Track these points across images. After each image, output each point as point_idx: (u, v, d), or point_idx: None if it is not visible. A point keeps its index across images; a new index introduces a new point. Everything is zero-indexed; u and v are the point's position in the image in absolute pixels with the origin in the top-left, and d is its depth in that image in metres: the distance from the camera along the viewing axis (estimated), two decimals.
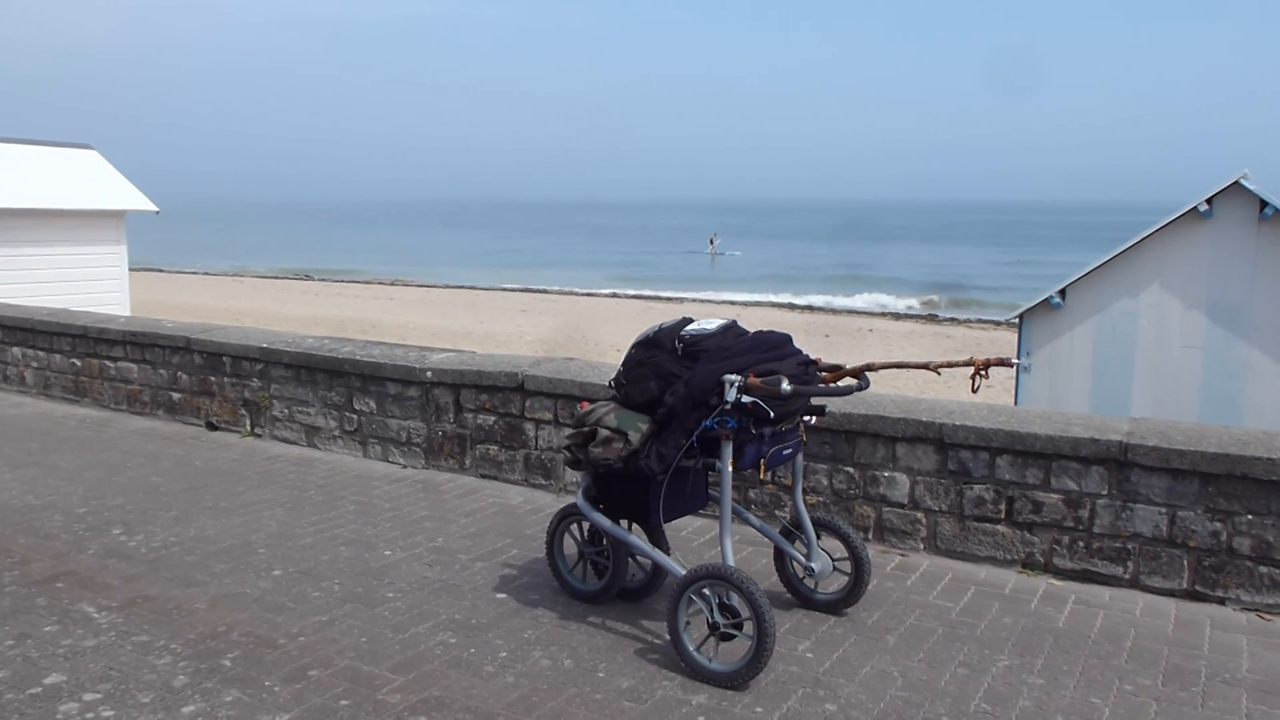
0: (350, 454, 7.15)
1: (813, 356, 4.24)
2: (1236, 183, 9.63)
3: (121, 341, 8.45)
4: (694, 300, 46.15)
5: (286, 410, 7.45)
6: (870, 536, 5.38)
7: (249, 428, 7.68)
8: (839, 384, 4.13)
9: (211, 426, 7.87)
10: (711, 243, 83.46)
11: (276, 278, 56.04)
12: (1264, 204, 9.47)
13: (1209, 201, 9.64)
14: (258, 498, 6.12)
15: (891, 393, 6.04)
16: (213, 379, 7.85)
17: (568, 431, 4.34)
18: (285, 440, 7.48)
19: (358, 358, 7.01)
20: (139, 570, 4.93)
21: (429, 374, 6.67)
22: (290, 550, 5.24)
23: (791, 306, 44.35)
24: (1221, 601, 4.68)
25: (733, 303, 45.02)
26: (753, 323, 4.95)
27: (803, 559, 4.44)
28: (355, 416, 7.10)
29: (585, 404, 4.33)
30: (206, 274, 56.98)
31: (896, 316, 40.85)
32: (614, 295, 48.48)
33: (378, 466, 6.88)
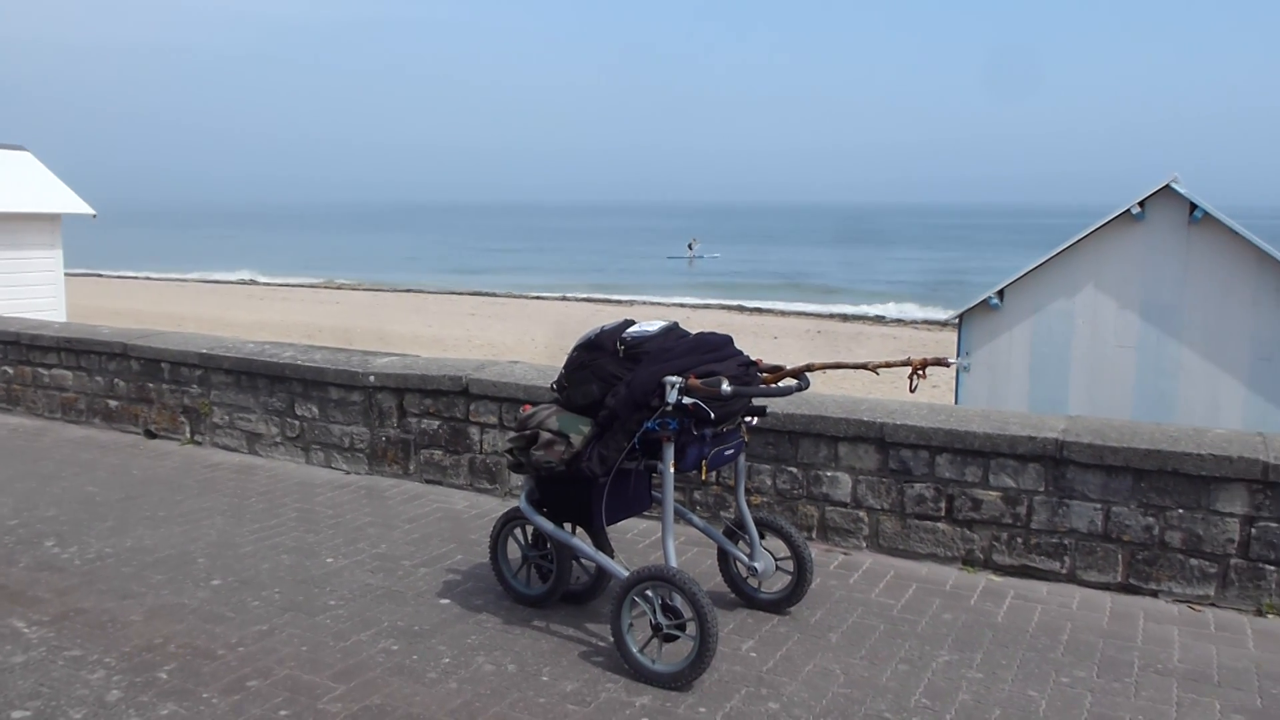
0: (292, 460, 7.06)
1: (754, 358, 4.26)
2: (1167, 186, 9.85)
3: (56, 348, 8.27)
4: (644, 303, 46.23)
5: (227, 417, 7.34)
6: (814, 535, 5.42)
7: (189, 435, 7.56)
8: (780, 384, 4.15)
9: (150, 434, 7.73)
10: (690, 247, 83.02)
11: (221, 282, 55.26)
12: (1194, 207, 9.70)
13: (1141, 204, 9.85)
14: (197, 506, 6.02)
15: (836, 393, 6.09)
16: (151, 386, 7.71)
17: (510, 435, 4.32)
18: (226, 447, 7.37)
19: (299, 363, 6.93)
20: (72, 583, 4.83)
21: (372, 378, 6.62)
22: (230, 559, 5.16)
23: (741, 309, 44.57)
24: (1155, 594, 4.77)
25: (683, 305, 45.14)
26: (702, 325, 4.97)
27: (746, 559, 4.46)
28: (297, 422, 7.02)
29: (528, 407, 4.32)
30: (149, 279, 56.00)
31: (844, 318, 41.21)
32: (563, 299, 48.39)
33: (320, 473, 6.80)
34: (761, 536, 4.53)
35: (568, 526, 4.43)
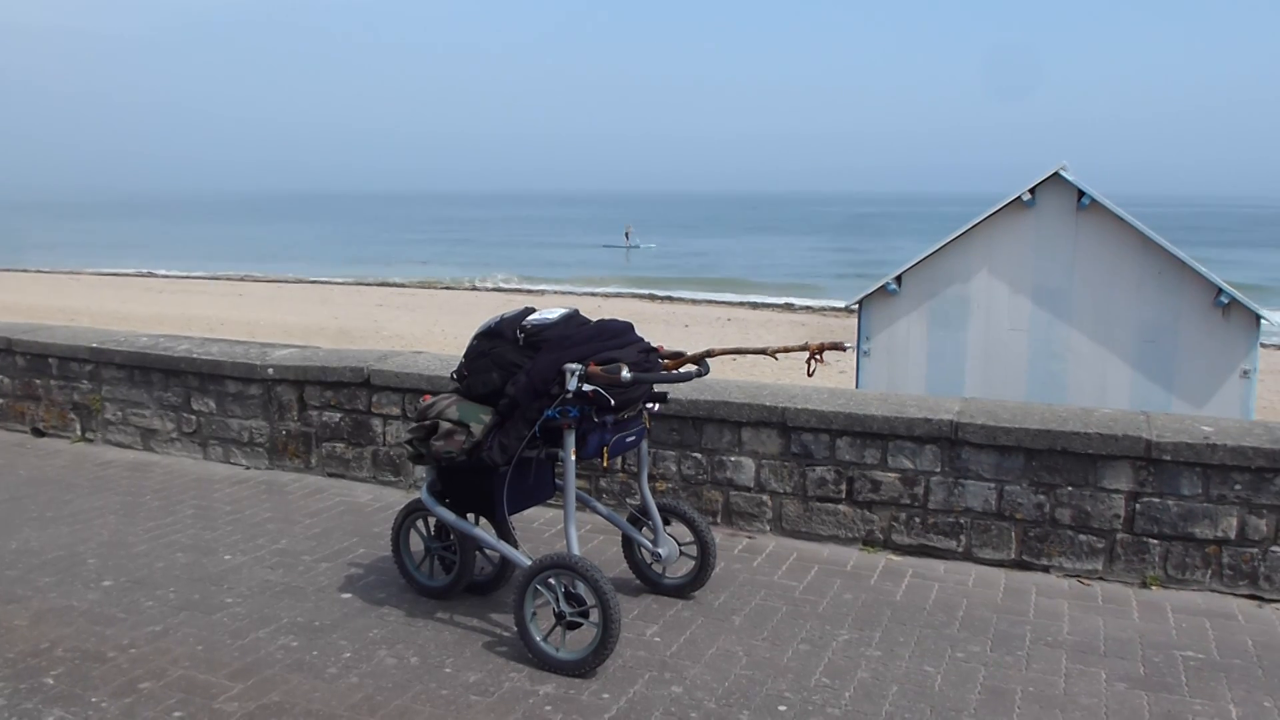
0: (190, 456, 6.88)
1: (655, 344, 4.28)
2: (1056, 174, 10.14)
3: None
4: (555, 292, 46.08)
5: (120, 413, 7.12)
6: (719, 520, 5.47)
7: (79, 432, 7.32)
8: (680, 371, 4.18)
9: (38, 433, 7.46)
10: (627, 235, 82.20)
11: (117, 275, 53.51)
12: (1081, 194, 10.01)
13: (1032, 191, 10.14)
14: (88, 505, 5.83)
15: (741, 379, 6.15)
16: (38, 382, 7.44)
17: (410, 425, 4.27)
18: (119, 444, 7.15)
19: (195, 356, 6.75)
20: None
21: (271, 371, 6.48)
22: (122, 559, 5.01)
23: (653, 298, 44.68)
24: (1046, 569, 4.92)
25: (594, 294, 45.10)
26: (614, 313, 4.98)
27: (650, 545, 4.48)
28: (194, 417, 6.84)
29: (428, 397, 4.27)
30: (39, 271, 53.97)
31: (754, 306, 41.60)
32: (473, 289, 48.00)
33: (219, 468, 6.65)
34: (666, 522, 4.56)
35: (471, 517, 4.41)
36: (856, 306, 10.99)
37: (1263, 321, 9.82)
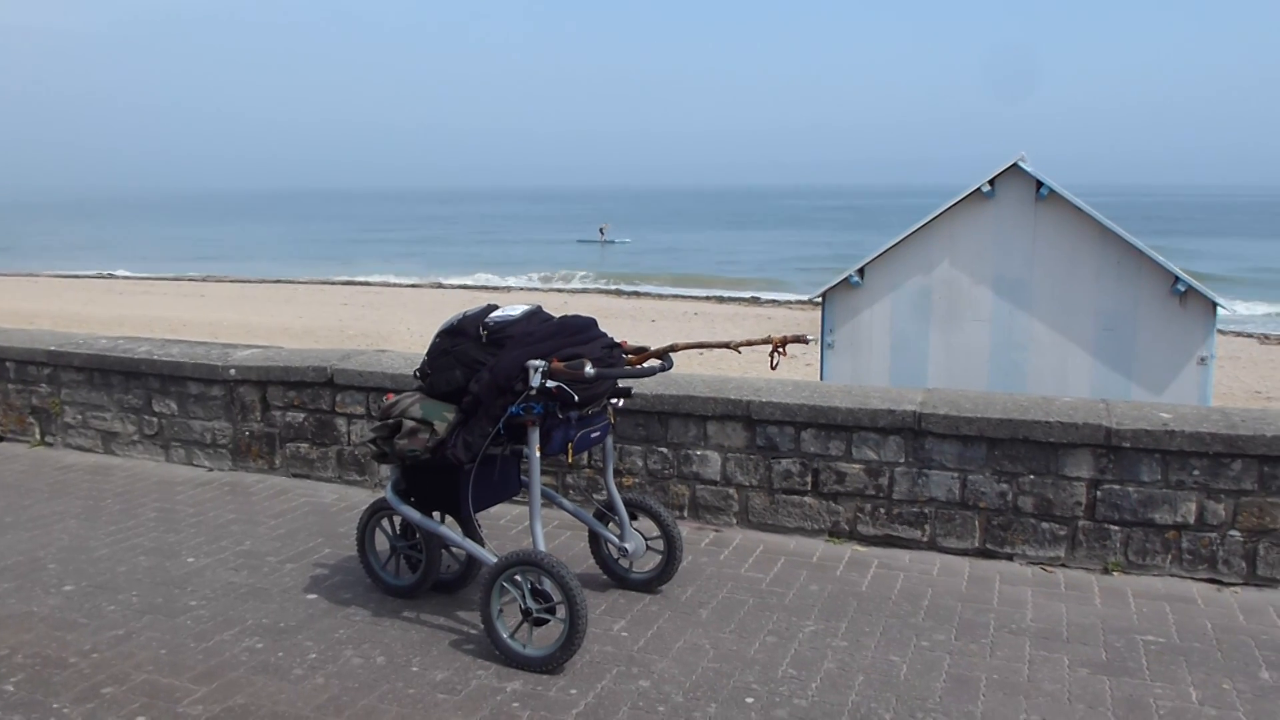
0: (152, 459, 6.81)
1: (619, 339, 4.28)
2: (1015, 165, 10.24)
3: None
4: (522, 289, 45.94)
5: (80, 416, 7.03)
6: (685, 514, 5.48)
7: (39, 436, 7.22)
8: (644, 366, 4.18)
9: None
10: (602, 231, 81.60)
11: (77, 276, 52.77)
12: (1040, 184, 10.12)
13: (991, 182, 10.24)
14: (48, 510, 5.76)
15: (707, 373, 6.16)
16: None
17: (373, 424, 4.25)
18: (80, 448, 7.06)
19: (155, 357, 6.68)
20: None
21: (233, 371, 6.42)
22: (84, 563, 4.95)
23: (619, 293, 44.64)
24: (1010, 558, 4.97)
25: (560, 290, 45.00)
26: (580, 309, 4.98)
27: (616, 540, 4.48)
28: (155, 419, 6.76)
29: (391, 395, 4.25)
30: None
31: (720, 300, 41.67)
32: (439, 286, 47.75)
33: (181, 470, 6.58)
34: (633, 517, 4.56)
35: (436, 515, 4.39)
36: (820, 299, 11.04)
37: (1219, 309, 9.96)
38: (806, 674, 3.83)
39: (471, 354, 4.02)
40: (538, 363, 3.82)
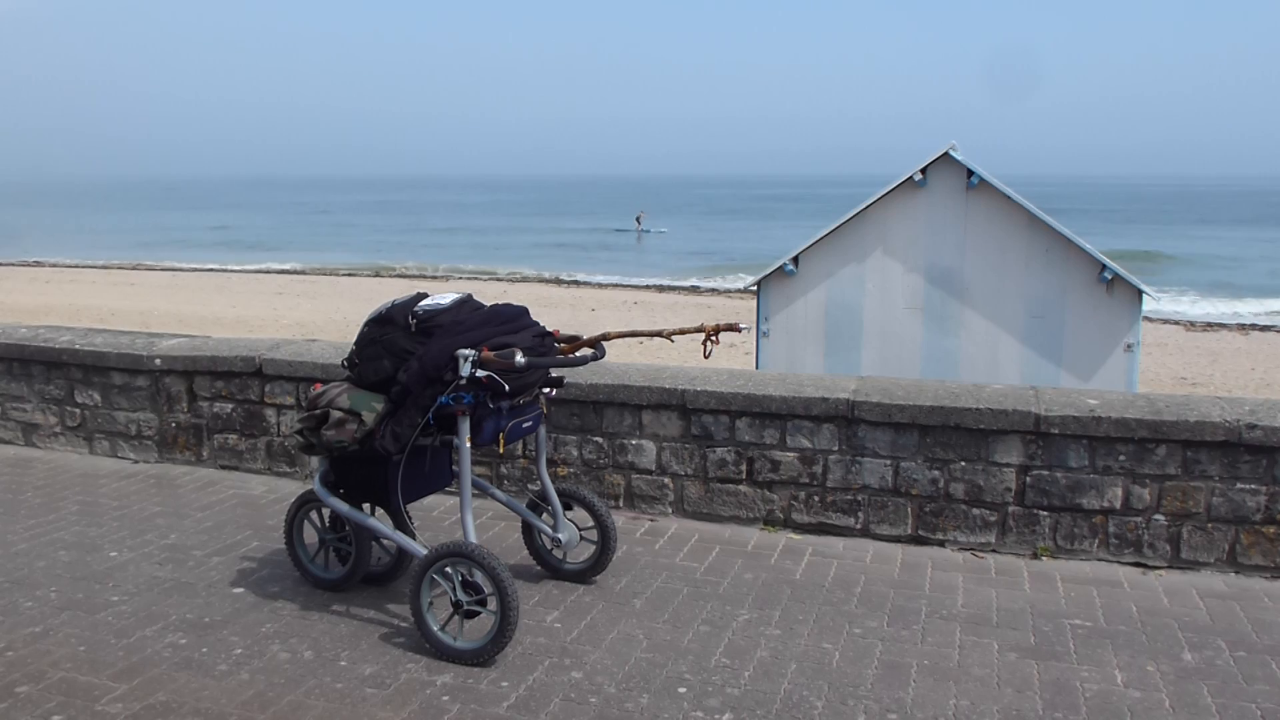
0: (75, 451, 6.63)
1: (550, 328, 4.24)
2: (946, 154, 10.33)
3: None
4: (461, 278, 45.55)
5: None
6: (621, 504, 5.46)
7: None
8: (576, 355, 4.14)
9: None
10: (638, 220, 79.73)
11: (1, 264, 51.29)
12: (970, 173, 10.22)
13: (923, 171, 10.32)
14: None
15: (645, 362, 6.14)
16: None
17: (300, 414, 4.16)
18: None
19: (78, 347, 6.49)
20: None
21: (158, 361, 6.26)
22: (1, 559, 4.80)
23: (559, 281, 44.47)
24: (941, 544, 5.02)
25: (498, 278, 44.71)
26: (519, 298, 4.90)
27: (550, 531, 4.45)
28: (78, 410, 6.58)
29: (319, 385, 4.17)
30: None
31: (660, 289, 41.70)
32: (377, 275, 47.19)
33: (105, 463, 6.41)
34: (567, 507, 4.53)
35: (366, 507, 4.31)
36: (755, 288, 11.05)
37: (1145, 296, 10.15)
38: (740, 663, 3.83)
39: (400, 343, 3.95)
40: (468, 352, 3.76)
